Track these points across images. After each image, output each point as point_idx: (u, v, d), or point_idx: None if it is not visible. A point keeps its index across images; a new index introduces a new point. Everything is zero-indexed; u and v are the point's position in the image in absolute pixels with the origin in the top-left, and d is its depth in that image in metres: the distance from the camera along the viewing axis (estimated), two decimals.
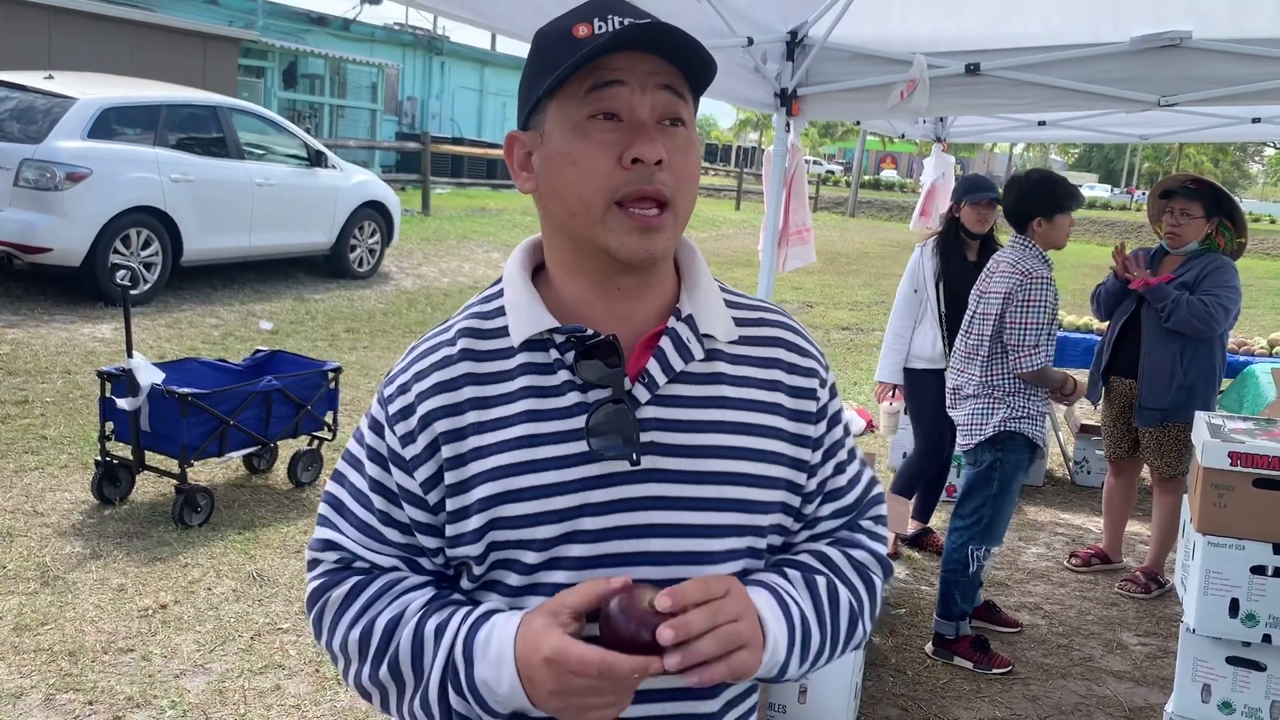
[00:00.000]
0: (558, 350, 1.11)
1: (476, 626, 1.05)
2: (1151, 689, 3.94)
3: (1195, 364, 4.48)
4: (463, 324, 1.16)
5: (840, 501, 1.24)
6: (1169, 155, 48.84)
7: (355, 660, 1.12)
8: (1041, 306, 3.75)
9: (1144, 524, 5.59)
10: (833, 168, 59.06)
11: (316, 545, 1.18)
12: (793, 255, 4.51)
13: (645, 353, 1.13)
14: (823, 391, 1.22)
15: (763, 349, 1.19)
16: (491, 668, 1.01)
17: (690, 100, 1.10)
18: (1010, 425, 3.84)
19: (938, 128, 6.75)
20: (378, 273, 11.49)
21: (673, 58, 1.06)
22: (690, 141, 1.10)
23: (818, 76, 4.26)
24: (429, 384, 1.12)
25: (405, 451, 1.11)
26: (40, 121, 8.18)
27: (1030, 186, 3.90)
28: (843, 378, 9.09)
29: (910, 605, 4.52)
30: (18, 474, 4.97)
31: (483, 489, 1.08)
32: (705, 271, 1.20)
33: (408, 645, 1.07)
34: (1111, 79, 3.69)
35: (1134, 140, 6.75)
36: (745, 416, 1.15)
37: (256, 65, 19.94)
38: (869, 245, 22.75)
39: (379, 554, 1.14)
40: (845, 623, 1.18)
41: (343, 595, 1.13)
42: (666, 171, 1.06)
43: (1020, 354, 3.77)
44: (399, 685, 1.09)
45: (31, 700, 3.21)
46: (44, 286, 8.60)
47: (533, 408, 1.10)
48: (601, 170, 1.05)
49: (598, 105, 1.05)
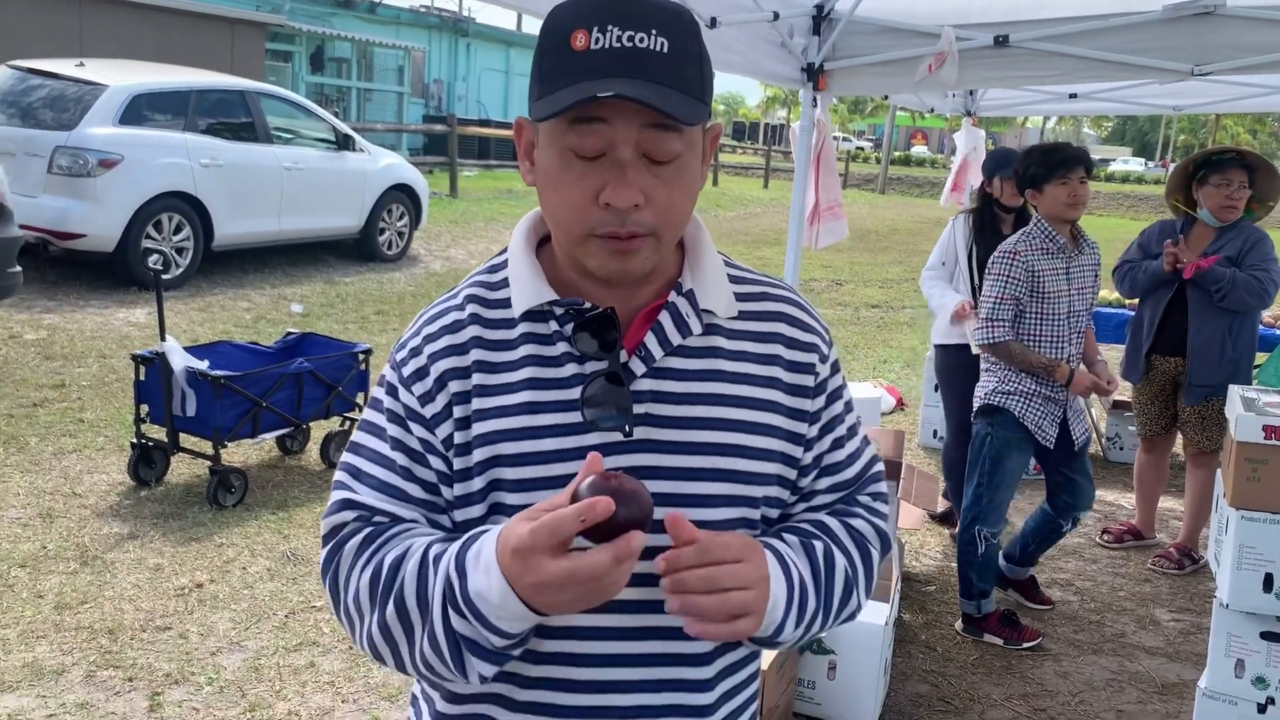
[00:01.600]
0: (557, 322, 1.13)
1: (469, 543, 1.04)
2: (1184, 665, 3.91)
3: (1242, 338, 4.47)
4: (469, 290, 1.18)
5: (837, 476, 1.24)
6: (1204, 127, 48.02)
7: (366, 609, 1.08)
8: (1000, 280, 3.72)
9: (1176, 499, 5.54)
10: (862, 144, 58.60)
11: (334, 508, 1.16)
12: (825, 231, 4.47)
13: (644, 326, 1.14)
14: (822, 367, 1.22)
15: (763, 324, 1.20)
16: (482, 576, 0.99)
17: (686, 127, 1.07)
18: (995, 399, 3.81)
19: (968, 101, 6.68)
20: (406, 255, 11.55)
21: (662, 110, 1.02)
22: (681, 170, 1.07)
23: (844, 50, 4.22)
24: (440, 345, 1.14)
25: (425, 410, 1.13)
26: (72, 109, 8.27)
27: (1019, 161, 3.90)
28: (872, 355, 9.05)
29: (940, 582, 4.51)
30: (56, 456, 5.05)
31: (482, 451, 1.10)
32: (709, 247, 1.20)
33: (412, 578, 1.05)
34: (1143, 49, 3.62)
35: (1168, 112, 6.65)
36: (740, 390, 1.15)
37: (284, 49, 20.01)
38: (899, 222, 22.58)
39: (400, 509, 1.13)
40: (840, 590, 1.18)
41: (358, 544, 1.11)
42: (645, 211, 1.05)
43: (978, 325, 3.80)
44: (406, 628, 1.06)
45: (73, 677, 3.27)
46: (79, 272, 8.70)
47: (534, 376, 1.12)
48: (578, 205, 1.06)
49: (580, 140, 1.04)
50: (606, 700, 1.12)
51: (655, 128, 1.03)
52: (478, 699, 1.15)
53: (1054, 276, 3.75)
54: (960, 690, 3.63)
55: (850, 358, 8.91)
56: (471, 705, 1.16)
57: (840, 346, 9.31)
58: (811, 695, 3.36)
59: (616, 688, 1.12)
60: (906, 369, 8.59)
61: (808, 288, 12.35)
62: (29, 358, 6.57)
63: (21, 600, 3.70)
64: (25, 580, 3.84)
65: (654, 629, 1.12)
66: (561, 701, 1.12)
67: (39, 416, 5.55)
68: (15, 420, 5.45)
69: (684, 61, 1.04)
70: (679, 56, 1.04)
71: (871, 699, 3.30)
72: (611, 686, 1.12)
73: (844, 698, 3.32)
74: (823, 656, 3.33)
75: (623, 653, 1.12)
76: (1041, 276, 3.73)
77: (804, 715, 3.36)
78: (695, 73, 1.06)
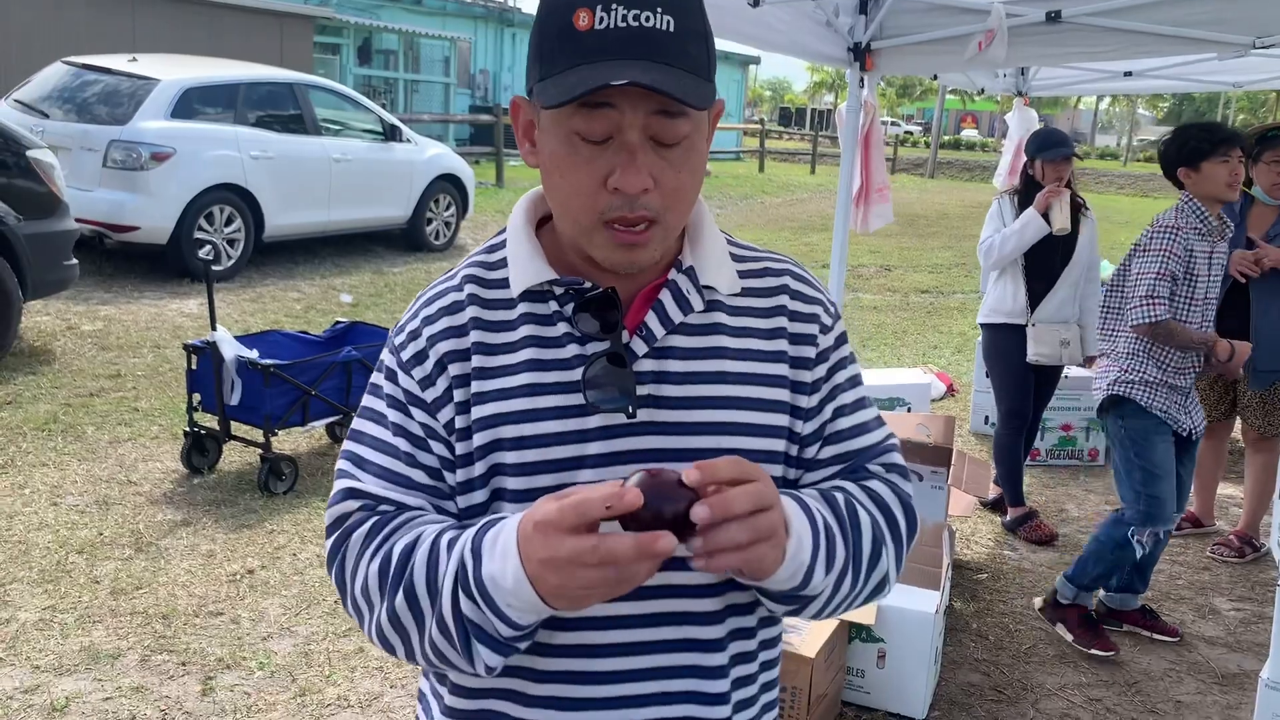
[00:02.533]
0: (557, 302, 1.11)
1: (487, 528, 1.01)
2: (1245, 655, 3.82)
3: None
4: (467, 271, 1.16)
5: (840, 446, 1.18)
6: (1264, 105, 46.77)
7: (375, 598, 1.05)
8: (1161, 255, 3.49)
9: (1236, 486, 5.40)
10: (911, 128, 57.94)
11: (336, 498, 1.12)
12: (875, 214, 4.42)
13: (645, 305, 1.12)
14: (824, 337, 1.18)
15: (766, 299, 1.17)
16: (498, 560, 0.96)
17: (690, 110, 1.04)
18: (1119, 389, 3.60)
19: (1019, 81, 6.54)
20: (454, 245, 11.61)
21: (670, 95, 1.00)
22: (689, 152, 1.05)
23: (892, 29, 4.15)
24: (439, 328, 1.12)
25: (426, 394, 1.10)
26: (125, 104, 8.40)
27: (1172, 137, 3.65)
28: (922, 341, 8.94)
29: (992, 570, 4.45)
30: (112, 445, 5.15)
31: (483, 435, 1.08)
32: (710, 224, 1.18)
33: (423, 563, 1.02)
34: (1201, 21, 3.52)
35: (1227, 89, 6.47)
36: (745, 366, 1.13)
37: (332, 42, 20.18)
38: (949, 206, 22.28)
39: (405, 496, 1.10)
40: (868, 544, 1.12)
41: (365, 533, 1.08)
42: (654, 195, 1.03)
43: (1133, 304, 3.52)
44: (416, 615, 1.02)
45: (129, 661, 3.33)
46: (133, 264, 8.86)
47: (535, 357, 1.09)
48: (586, 190, 1.03)
49: (586, 124, 1.01)
50: (622, 690, 1.09)
51: (663, 113, 1.01)
52: (490, 694, 1.13)
53: (1203, 259, 3.56)
54: (1013, 679, 3.57)
55: (900, 344, 8.81)
56: (484, 700, 1.13)
57: (889, 332, 9.21)
58: (861, 684, 3.32)
59: (631, 677, 1.09)
60: (957, 354, 8.47)
61: (856, 273, 12.23)
62: (86, 348, 6.70)
63: (79, 586, 3.77)
64: (83, 566, 3.92)
65: (668, 615, 1.10)
66: (576, 695, 1.09)
67: (95, 406, 5.66)
68: (73, 410, 5.56)
69: (690, 40, 1.01)
70: (685, 35, 1.01)
71: (922, 688, 3.26)
72: (626, 676, 1.09)
73: (894, 686, 3.28)
74: (872, 645, 3.29)
75: (637, 640, 1.09)
76: (1195, 257, 3.54)
77: (853, 704, 3.33)
78: (702, 51, 1.03)
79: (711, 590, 1.11)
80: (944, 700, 3.41)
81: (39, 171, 6.25)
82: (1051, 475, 5.73)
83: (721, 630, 1.12)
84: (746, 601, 1.15)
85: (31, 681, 3.18)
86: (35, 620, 3.52)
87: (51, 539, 4.11)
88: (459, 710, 1.15)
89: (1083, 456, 5.91)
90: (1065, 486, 5.56)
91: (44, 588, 3.74)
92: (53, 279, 6.44)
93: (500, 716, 1.12)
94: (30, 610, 3.58)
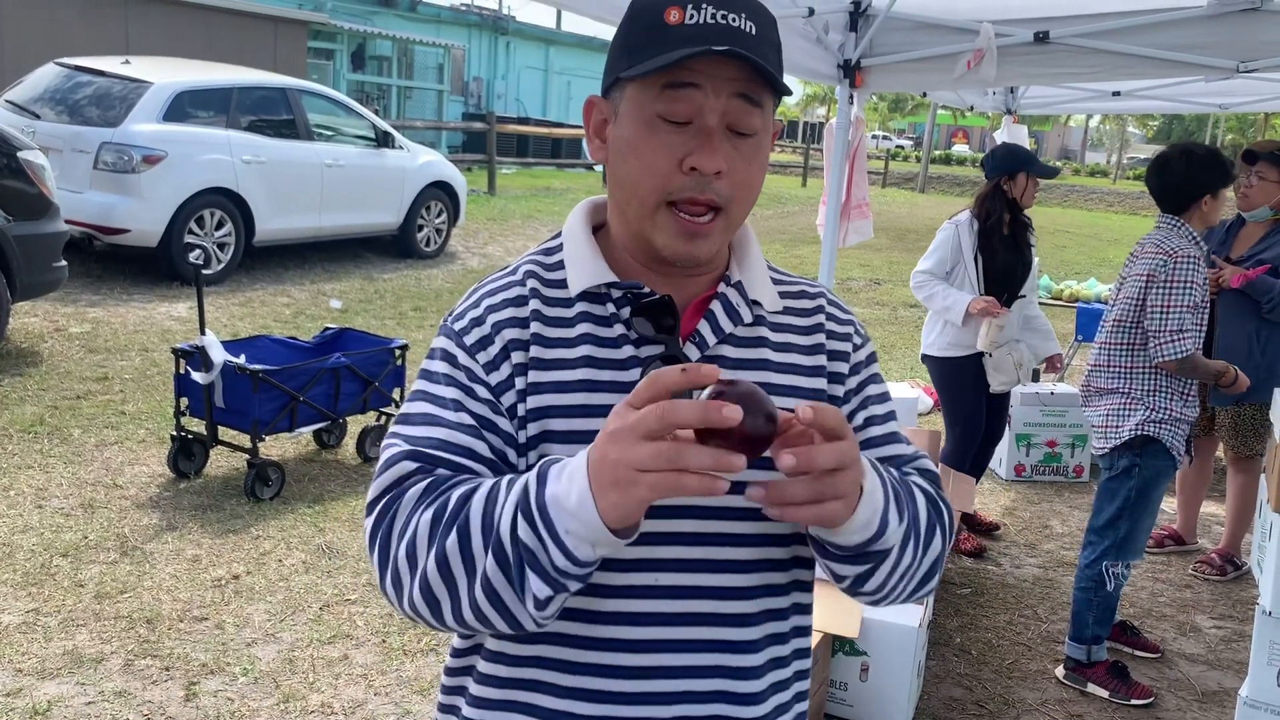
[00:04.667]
0: (614, 305, 1.14)
1: (554, 461, 0.99)
2: (1225, 673, 3.85)
3: (1273, 343, 4.37)
4: (527, 267, 1.19)
5: (875, 452, 1.20)
6: (1253, 126, 47.17)
7: (422, 550, 1.01)
8: (1186, 288, 3.38)
9: (1218, 505, 5.44)
10: (902, 143, 58.15)
11: (393, 459, 1.08)
12: (854, 230, 4.46)
13: (696, 315, 1.16)
14: (856, 354, 1.24)
15: (806, 319, 1.23)
16: (564, 483, 0.94)
17: (768, 105, 1.11)
18: (1149, 429, 3.46)
19: (1008, 99, 6.60)
20: (444, 252, 11.61)
21: (754, 66, 1.06)
22: (758, 149, 1.11)
23: (881, 47, 4.19)
24: (504, 316, 1.13)
25: (490, 377, 1.11)
26: (118, 106, 8.39)
27: (1201, 160, 3.51)
28: (910, 356, 8.97)
29: (975, 585, 4.47)
30: (99, 448, 5.13)
31: (534, 425, 1.10)
32: (756, 246, 1.24)
33: (480, 501, 1.00)
34: (1187, 45, 3.57)
35: (1214, 110, 6.54)
36: (786, 379, 1.17)
37: (325, 47, 20.20)
38: (939, 221, 22.18)
39: (468, 462, 1.08)
40: (923, 515, 1.13)
41: (421, 490, 1.04)
42: (725, 180, 1.08)
43: (1160, 340, 3.39)
44: (468, 556, 0.99)
45: (112, 665, 3.32)
46: (123, 267, 8.84)
47: (592, 354, 1.12)
48: (661, 169, 1.07)
49: (670, 105, 1.06)
50: (654, 660, 1.10)
51: (743, 99, 1.06)
52: (520, 685, 1.13)
53: (1204, 287, 3.50)
54: (995, 694, 3.59)
55: (888, 358, 8.85)
56: (513, 691, 1.13)
57: (878, 346, 9.22)
58: (843, 697, 3.34)
59: (664, 647, 1.10)
60: None
61: (845, 287, 12.28)
62: (74, 351, 6.68)
63: (63, 589, 3.76)
64: (67, 569, 3.91)
65: (702, 615, 1.11)
66: (607, 688, 1.10)
67: (82, 409, 5.64)
68: (59, 412, 5.55)
69: (767, 46, 1.09)
70: (763, 41, 1.08)
71: (904, 701, 3.27)
72: (659, 646, 1.10)
73: (876, 700, 3.30)
74: (855, 658, 3.31)
75: (669, 639, 1.10)
76: (1204, 286, 3.49)
77: (835, 717, 3.34)
78: (775, 60, 1.10)
79: (747, 593, 1.13)
80: (926, 714, 3.43)
81: (29, 173, 6.24)
82: (1036, 491, 5.76)
83: (757, 633, 1.14)
84: (783, 606, 1.17)
85: (14, 685, 3.17)
86: (18, 623, 3.51)
87: (36, 542, 4.10)
88: (487, 700, 1.15)
89: (1068, 473, 5.94)
90: (1050, 503, 5.60)
91: (28, 590, 3.73)
92: (41, 280, 6.43)
93: (529, 708, 1.13)
94: (13, 613, 3.57)
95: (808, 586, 1.22)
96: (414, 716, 3.19)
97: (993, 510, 5.35)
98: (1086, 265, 15.50)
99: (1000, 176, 4.45)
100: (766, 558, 1.15)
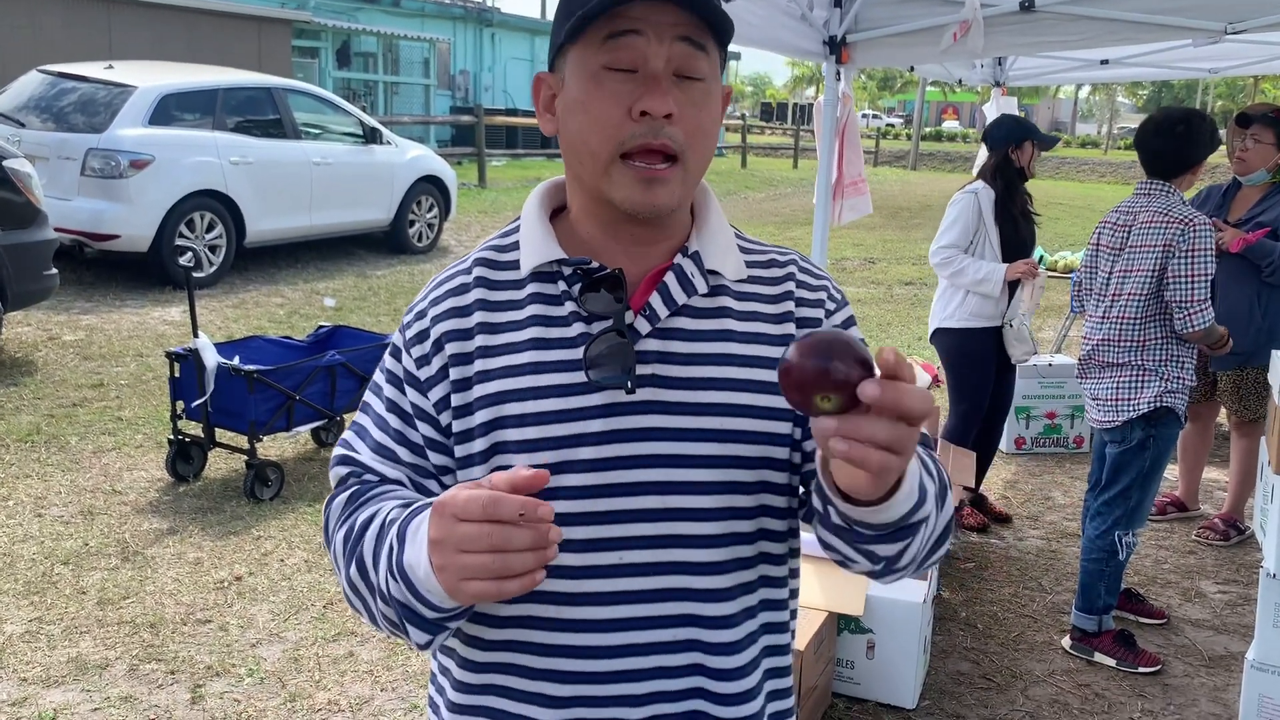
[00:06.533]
0: (565, 282, 1.13)
1: (417, 512, 1.02)
2: (1232, 637, 3.84)
3: (1273, 307, 4.36)
4: (479, 255, 1.19)
5: None
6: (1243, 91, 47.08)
7: (340, 564, 1.09)
8: (1205, 256, 3.35)
9: (1221, 470, 5.44)
10: (893, 121, 58.06)
11: (334, 460, 1.18)
12: (848, 207, 4.43)
13: (651, 288, 1.14)
14: (831, 320, 1.19)
15: (773, 286, 1.19)
16: (417, 549, 0.97)
17: (712, 51, 1.10)
18: (1166, 400, 3.45)
19: (996, 71, 6.57)
20: (437, 247, 11.58)
21: (694, 7, 1.05)
22: (708, 95, 1.10)
23: (867, 21, 4.17)
24: (443, 309, 1.15)
25: (420, 373, 1.13)
26: (102, 111, 8.34)
27: (1201, 129, 3.46)
28: (906, 333, 8.96)
29: (979, 559, 4.46)
30: (96, 454, 5.12)
31: (485, 412, 1.10)
32: (717, 212, 1.21)
33: (371, 540, 1.05)
34: (1174, 8, 3.54)
35: (1204, 76, 6.51)
36: (751, 349, 1.14)
37: (310, 46, 20.09)
38: (932, 198, 22.33)
39: (389, 469, 1.14)
40: (935, 477, 1.06)
41: (343, 501, 1.13)
42: (677, 126, 1.06)
43: (1190, 310, 3.35)
44: (368, 587, 1.05)
45: (117, 671, 3.31)
46: (114, 273, 8.81)
47: (539, 335, 1.11)
48: (611, 120, 1.06)
49: (613, 55, 1.06)
50: (626, 639, 1.10)
51: (687, 42, 1.06)
52: (495, 668, 1.14)
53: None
54: (1002, 667, 3.59)
55: (884, 335, 8.83)
56: (489, 675, 1.15)
57: (874, 324, 9.23)
58: (850, 675, 3.33)
59: (635, 625, 1.10)
60: None
61: (840, 266, 12.25)
62: (68, 358, 6.66)
63: (65, 597, 3.75)
64: (68, 577, 3.89)
65: (671, 564, 1.10)
66: (579, 668, 1.10)
67: (79, 416, 5.63)
68: (56, 420, 5.53)
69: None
70: None
71: (911, 677, 3.27)
72: (630, 624, 1.10)
73: (883, 677, 3.29)
74: (861, 635, 3.30)
75: (640, 589, 1.09)
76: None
77: (843, 695, 3.34)
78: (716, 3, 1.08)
79: (719, 568, 1.11)
80: (934, 689, 3.42)
81: (16, 181, 6.20)
82: (1038, 463, 5.76)
83: (734, 607, 1.12)
84: (751, 579, 1.15)
85: (19, 694, 3.16)
86: (21, 632, 3.50)
87: (37, 550, 4.09)
88: (467, 684, 1.16)
89: (1068, 444, 5.94)
90: (1051, 474, 5.59)
91: (30, 599, 3.72)
92: (33, 289, 6.40)
93: (504, 690, 1.13)
94: (16, 622, 3.56)
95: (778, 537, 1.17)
96: (421, 710, 3.19)
97: (994, 484, 5.34)
98: (1080, 237, 15.47)
99: (1009, 146, 4.41)
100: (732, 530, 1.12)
